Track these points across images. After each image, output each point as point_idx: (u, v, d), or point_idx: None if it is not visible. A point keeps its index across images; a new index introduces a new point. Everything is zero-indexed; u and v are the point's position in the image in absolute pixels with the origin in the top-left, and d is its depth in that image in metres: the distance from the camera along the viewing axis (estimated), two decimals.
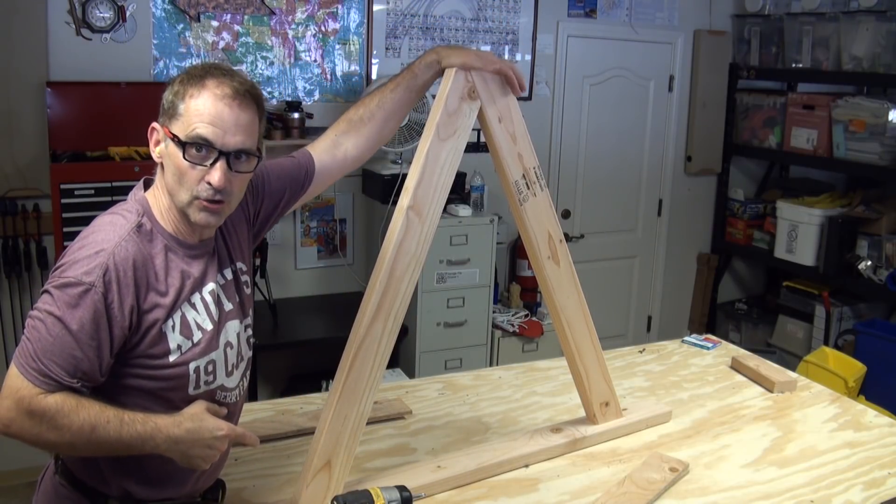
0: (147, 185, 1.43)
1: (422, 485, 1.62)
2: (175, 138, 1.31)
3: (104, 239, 1.29)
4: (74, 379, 1.25)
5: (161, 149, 1.36)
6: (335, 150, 1.62)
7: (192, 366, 1.36)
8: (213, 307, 1.40)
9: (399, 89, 1.61)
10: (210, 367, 1.39)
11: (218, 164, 1.31)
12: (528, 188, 1.72)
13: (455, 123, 1.56)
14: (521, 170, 1.70)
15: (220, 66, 1.34)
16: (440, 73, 1.60)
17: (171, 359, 1.34)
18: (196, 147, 1.30)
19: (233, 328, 1.45)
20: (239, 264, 1.50)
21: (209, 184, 1.30)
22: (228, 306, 1.45)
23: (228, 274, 1.46)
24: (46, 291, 1.27)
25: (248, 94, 1.33)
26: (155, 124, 1.36)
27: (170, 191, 1.35)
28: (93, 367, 1.26)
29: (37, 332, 1.24)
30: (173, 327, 1.34)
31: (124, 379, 1.33)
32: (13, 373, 1.25)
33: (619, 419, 1.97)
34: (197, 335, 1.37)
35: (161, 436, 1.29)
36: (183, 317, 1.35)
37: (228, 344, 1.44)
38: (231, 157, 1.32)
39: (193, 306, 1.37)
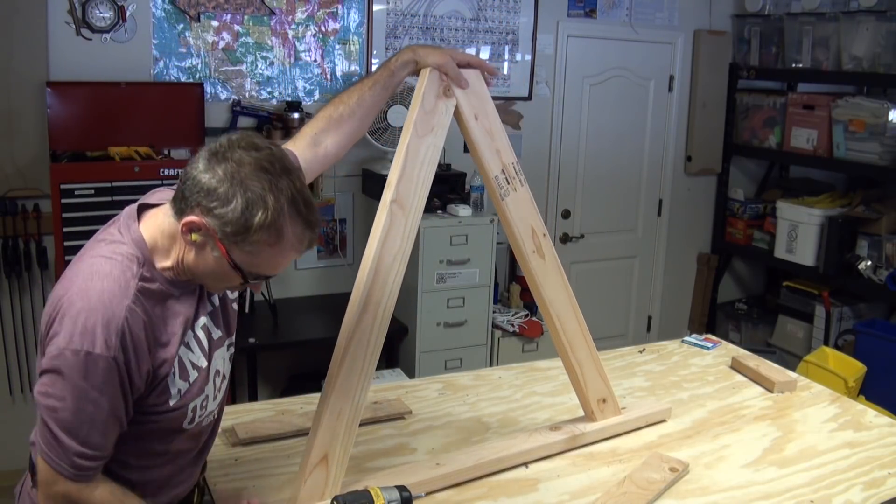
0: (140, 210, 1.34)
1: (421, 480, 1.62)
2: (236, 266, 1.25)
3: (110, 300, 1.21)
4: (105, 452, 1.25)
5: (201, 241, 1.24)
6: (316, 147, 1.60)
7: (190, 406, 1.36)
8: (205, 342, 1.38)
9: (377, 87, 1.61)
10: (204, 403, 1.39)
11: (262, 281, 1.32)
12: (509, 183, 1.74)
13: (432, 121, 1.60)
14: (501, 165, 1.73)
15: (293, 196, 1.23)
16: (416, 71, 1.62)
17: (172, 403, 1.32)
18: (258, 278, 1.30)
19: (219, 355, 1.44)
20: None
21: (245, 288, 1.33)
22: (217, 334, 1.43)
23: (216, 300, 1.43)
24: (55, 372, 1.18)
25: (312, 241, 1.31)
26: (202, 223, 1.21)
27: (193, 270, 1.28)
28: (116, 434, 1.26)
29: (63, 414, 1.19)
30: (174, 374, 1.32)
31: None
32: (43, 467, 1.23)
33: (618, 416, 1.97)
34: (193, 375, 1.35)
35: None
36: (181, 361, 1.33)
37: (217, 373, 1.43)
38: None
39: (189, 347, 1.35)
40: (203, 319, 1.38)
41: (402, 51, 1.63)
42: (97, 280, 1.22)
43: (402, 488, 1.47)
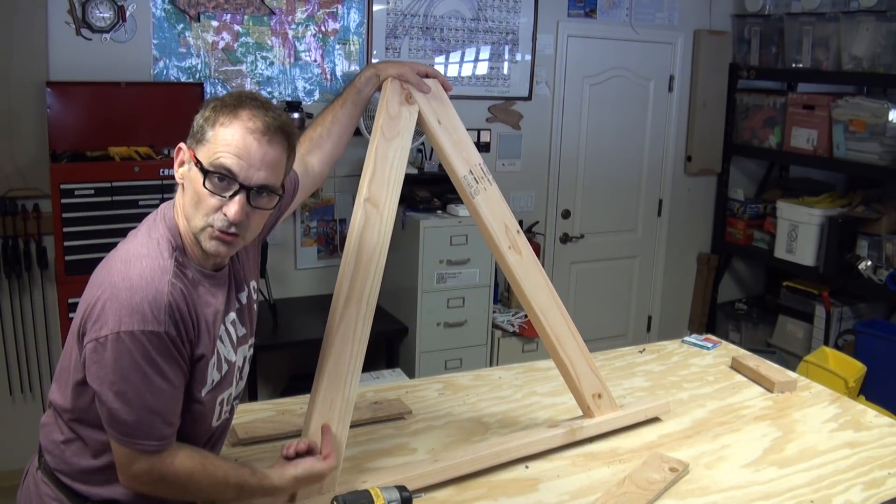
0: None
1: (420, 473, 1.63)
2: (199, 164, 1.28)
3: (151, 277, 1.25)
4: (177, 419, 1.30)
5: (184, 170, 1.33)
6: (306, 168, 1.69)
7: (218, 399, 1.39)
8: (234, 336, 1.42)
9: (347, 104, 1.73)
10: (229, 398, 1.43)
11: (237, 198, 1.28)
12: (478, 182, 1.80)
13: (398, 126, 1.71)
14: (468, 165, 1.80)
15: (256, 98, 1.32)
16: (379, 86, 1.73)
17: (203, 393, 1.35)
18: (218, 177, 1.27)
19: (242, 353, 1.47)
20: (252, 283, 1.52)
21: (225, 215, 1.28)
22: (242, 331, 1.46)
23: (244, 297, 1.47)
24: (113, 355, 1.21)
25: (279, 130, 1.30)
26: (182, 145, 1.34)
27: (186, 214, 1.32)
28: (181, 402, 1.30)
29: (131, 395, 1.23)
30: (213, 363, 1.35)
31: None
32: (122, 451, 1.27)
33: (616, 411, 1.97)
34: (224, 368, 1.39)
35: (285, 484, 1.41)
36: (218, 352, 1.36)
37: (240, 370, 1.46)
38: (252, 191, 1.29)
39: (222, 340, 1.38)
40: (232, 315, 1.42)
41: (364, 68, 1.76)
42: (135, 262, 1.27)
43: (402, 488, 1.47)
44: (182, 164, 1.33)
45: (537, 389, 2.23)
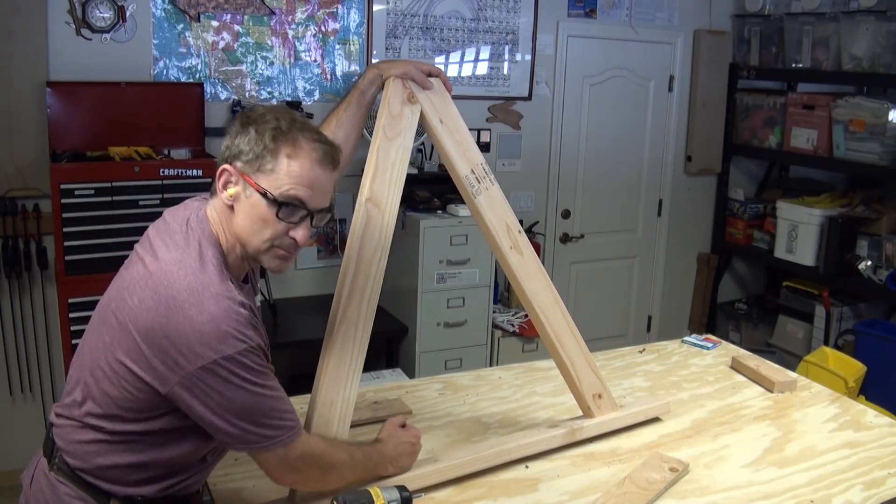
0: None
1: (419, 474, 1.63)
2: (266, 193, 1.32)
3: (228, 305, 1.30)
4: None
5: (236, 192, 1.36)
6: None
7: None
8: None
9: (351, 107, 1.73)
10: None
11: (306, 223, 1.36)
12: (480, 182, 1.80)
13: (399, 125, 1.70)
14: (470, 165, 1.79)
15: (306, 124, 1.38)
16: (382, 86, 1.73)
17: None
18: (290, 207, 1.34)
19: None
20: (259, 287, 1.56)
21: (293, 239, 1.36)
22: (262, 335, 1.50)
23: (258, 301, 1.53)
24: (223, 381, 1.28)
25: (332, 156, 1.38)
26: (230, 168, 1.36)
27: (240, 234, 1.37)
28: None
29: (251, 412, 1.32)
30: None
31: (171, 421, 1.35)
32: (268, 457, 1.39)
33: (616, 412, 1.97)
34: None
35: (385, 460, 1.57)
36: None
37: None
38: (316, 215, 1.38)
39: None
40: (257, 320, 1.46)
41: (367, 69, 1.75)
42: (203, 291, 1.29)
43: (402, 488, 1.48)
44: (229, 184, 1.37)
45: (537, 389, 2.23)
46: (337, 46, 3.75)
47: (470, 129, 1.81)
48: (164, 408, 1.33)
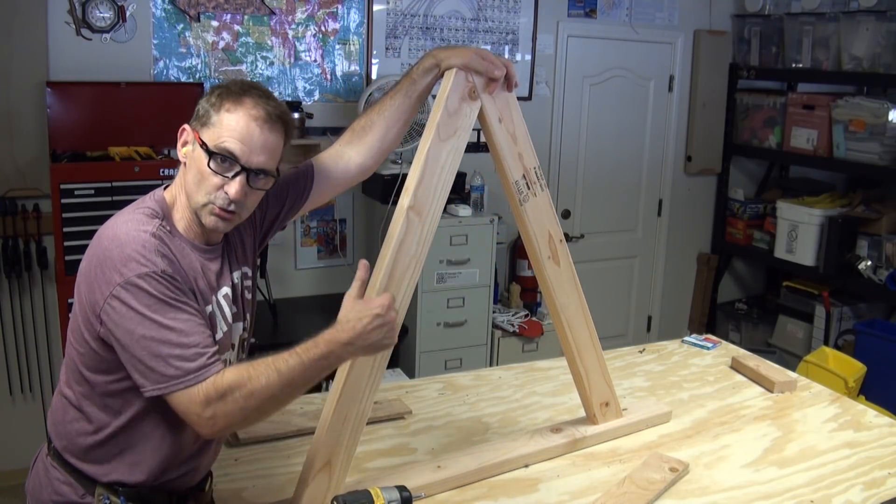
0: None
1: (422, 485, 1.62)
2: (204, 145, 1.36)
3: (137, 232, 1.31)
4: (212, 342, 1.31)
5: (188, 150, 1.41)
6: (338, 158, 1.66)
7: (223, 357, 1.41)
8: (227, 311, 1.46)
9: (398, 96, 1.63)
10: (227, 364, 1.43)
11: (238, 178, 1.36)
12: (529, 188, 1.72)
13: (455, 124, 1.55)
14: (522, 170, 1.70)
15: (258, 87, 1.41)
16: (440, 76, 1.59)
17: (217, 338, 1.39)
18: (221, 158, 1.35)
19: (237, 331, 1.50)
20: (244, 269, 1.54)
21: (226, 193, 1.36)
22: (234, 309, 1.49)
23: (236, 278, 1.50)
24: (125, 308, 1.25)
25: (279, 118, 1.40)
26: (186, 126, 1.42)
27: (188, 191, 1.39)
28: (207, 327, 1.33)
29: (157, 340, 1.26)
30: (217, 314, 1.41)
31: (127, 381, 1.34)
32: (179, 399, 1.27)
33: (619, 419, 1.97)
34: (221, 331, 1.43)
35: (337, 346, 1.34)
36: (220, 308, 1.43)
37: (232, 346, 1.49)
38: (252, 173, 1.37)
39: (214, 310, 1.42)
40: (226, 289, 1.46)
41: (424, 57, 1.62)
42: (122, 225, 1.33)
43: (402, 488, 1.47)
44: (185, 143, 1.41)
45: (537, 389, 2.23)
46: (337, 46, 3.75)
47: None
48: (110, 355, 1.32)
